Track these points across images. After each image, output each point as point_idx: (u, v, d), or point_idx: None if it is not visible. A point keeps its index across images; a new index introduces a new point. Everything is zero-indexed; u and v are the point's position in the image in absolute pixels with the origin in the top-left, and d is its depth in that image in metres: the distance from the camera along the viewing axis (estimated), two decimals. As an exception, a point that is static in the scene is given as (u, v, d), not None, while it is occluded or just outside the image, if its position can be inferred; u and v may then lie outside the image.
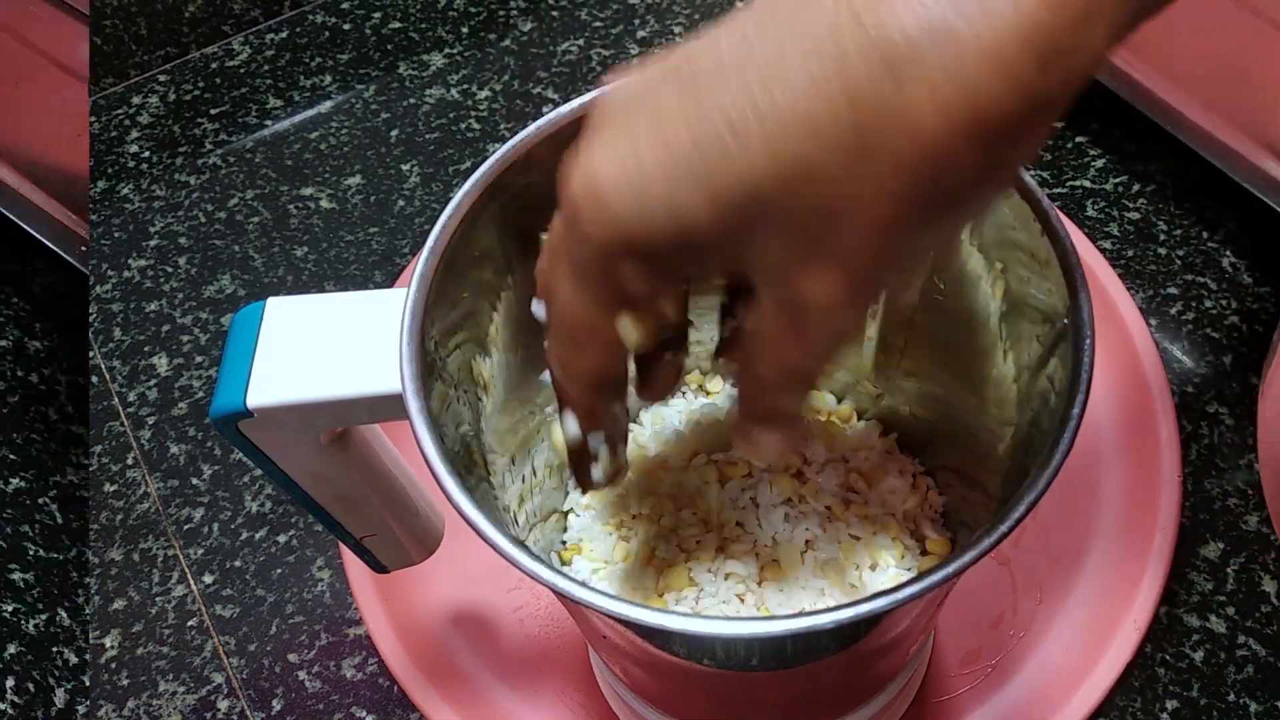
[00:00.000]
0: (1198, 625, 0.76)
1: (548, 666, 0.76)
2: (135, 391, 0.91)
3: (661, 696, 0.64)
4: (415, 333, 0.48)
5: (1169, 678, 0.75)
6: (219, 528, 0.84)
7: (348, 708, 0.76)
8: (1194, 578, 0.78)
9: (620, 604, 0.41)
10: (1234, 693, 0.74)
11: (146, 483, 0.86)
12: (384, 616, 0.76)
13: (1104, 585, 0.76)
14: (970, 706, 0.73)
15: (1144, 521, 0.77)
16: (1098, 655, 0.73)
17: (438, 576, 0.77)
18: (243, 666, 0.78)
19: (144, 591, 0.81)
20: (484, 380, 0.54)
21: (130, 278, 0.98)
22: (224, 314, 0.95)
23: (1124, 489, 0.80)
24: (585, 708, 0.74)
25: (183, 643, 0.79)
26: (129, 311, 0.95)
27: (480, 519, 0.43)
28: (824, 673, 0.55)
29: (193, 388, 0.91)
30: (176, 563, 0.82)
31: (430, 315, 0.49)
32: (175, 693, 0.77)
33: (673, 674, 0.57)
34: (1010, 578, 0.77)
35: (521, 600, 0.78)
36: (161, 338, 0.94)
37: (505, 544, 0.43)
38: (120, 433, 0.89)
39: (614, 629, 0.51)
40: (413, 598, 0.77)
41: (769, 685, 0.56)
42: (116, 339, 0.94)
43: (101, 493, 0.86)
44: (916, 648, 0.65)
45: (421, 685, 0.73)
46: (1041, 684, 0.73)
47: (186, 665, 0.78)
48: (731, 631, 0.42)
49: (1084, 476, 0.80)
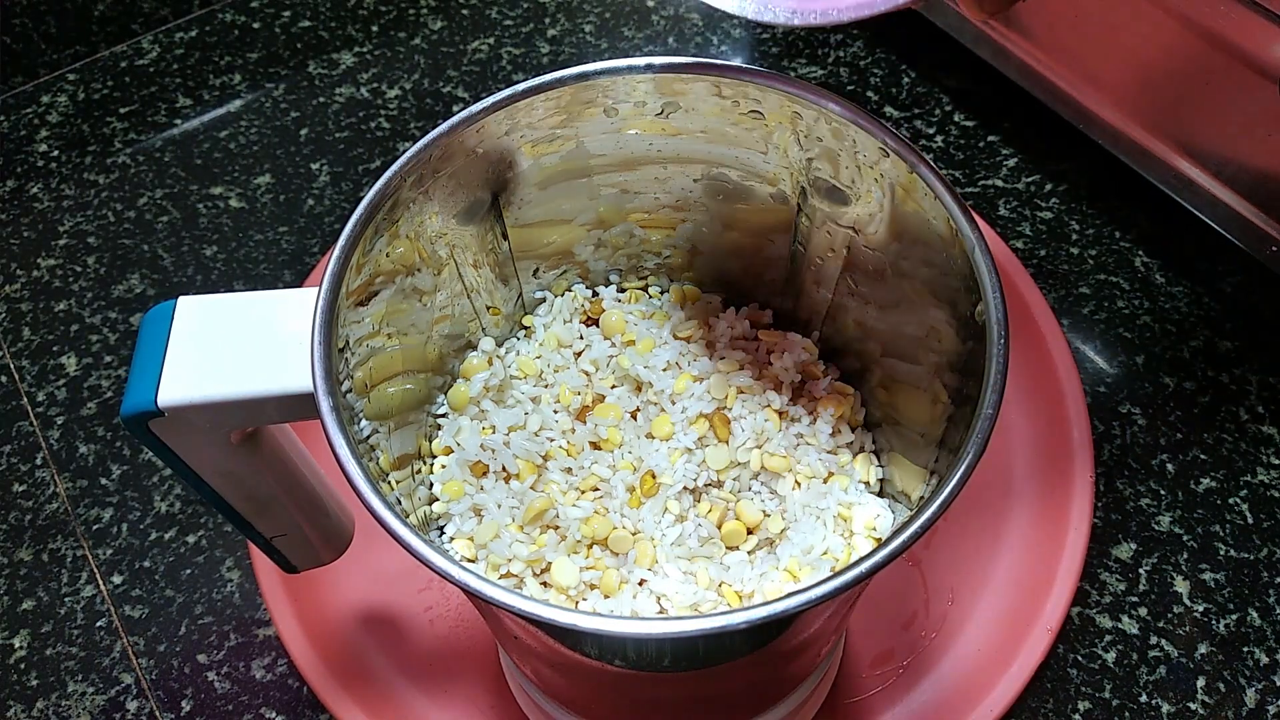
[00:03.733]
0: (1110, 626, 0.77)
1: (458, 668, 0.76)
2: (44, 391, 0.90)
3: (573, 698, 0.64)
4: (326, 332, 0.48)
5: (1081, 679, 0.75)
6: (128, 528, 0.83)
7: (257, 709, 0.76)
8: (1106, 578, 0.79)
9: (531, 603, 0.41)
10: (1146, 693, 0.75)
11: (55, 483, 0.86)
12: (294, 617, 0.76)
13: (1016, 586, 0.77)
14: (882, 707, 0.74)
15: (1056, 522, 0.78)
16: (1010, 656, 0.74)
17: (348, 577, 0.77)
18: (152, 667, 0.78)
19: (52, 592, 0.81)
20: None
21: (39, 277, 0.97)
22: (133, 313, 0.94)
23: (1036, 489, 0.80)
24: (496, 709, 0.74)
25: (92, 643, 0.79)
26: (38, 311, 0.95)
27: (391, 518, 0.44)
28: (736, 673, 0.55)
29: (102, 387, 0.90)
30: (85, 563, 0.82)
31: (341, 315, 0.49)
32: (84, 693, 0.77)
33: (584, 675, 0.57)
34: (922, 578, 0.78)
35: (432, 600, 0.78)
36: (70, 337, 0.93)
37: (417, 543, 0.43)
38: (29, 432, 0.88)
39: (525, 629, 0.51)
40: (323, 598, 0.77)
41: (680, 686, 0.56)
42: (25, 338, 0.93)
43: (10, 493, 0.85)
44: (829, 648, 0.65)
45: (331, 686, 0.73)
46: (953, 685, 0.74)
47: (95, 666, 0.78)
48: (642, 631, 0.42)
49: (996, 477, 0.81)
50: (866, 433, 0.63)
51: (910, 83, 1.06)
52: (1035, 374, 0.84)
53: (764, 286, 0.66)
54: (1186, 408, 0.86)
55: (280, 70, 1.10)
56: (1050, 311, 0.86)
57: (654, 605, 0.56)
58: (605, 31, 1.12)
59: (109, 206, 1.01)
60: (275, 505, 0.60)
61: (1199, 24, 0.77)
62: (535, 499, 0.58)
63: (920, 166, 0.50)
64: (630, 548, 0.57)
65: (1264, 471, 0.82)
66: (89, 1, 1.12)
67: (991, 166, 0.99)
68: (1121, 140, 0.88)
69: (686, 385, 0.60)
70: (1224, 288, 0.91)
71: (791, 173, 0.57)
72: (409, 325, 0.57)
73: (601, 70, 0.54)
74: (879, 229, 0.55)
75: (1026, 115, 1.02)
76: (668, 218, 0.64)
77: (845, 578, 0.41)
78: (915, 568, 0.78)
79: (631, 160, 0.60)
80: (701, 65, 0.54)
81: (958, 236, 0.49)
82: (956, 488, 0.43)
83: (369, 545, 0.71)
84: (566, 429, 0.61)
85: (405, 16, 1.14)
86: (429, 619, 0.78)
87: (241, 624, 0.79)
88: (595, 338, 0.65)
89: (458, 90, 1.08)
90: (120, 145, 1.06)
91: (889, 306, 0.58)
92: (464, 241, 0.58)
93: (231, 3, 1.16)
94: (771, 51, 1.10)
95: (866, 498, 0.60)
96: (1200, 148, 0.83)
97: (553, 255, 0.65)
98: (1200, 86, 0.80)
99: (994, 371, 0.46)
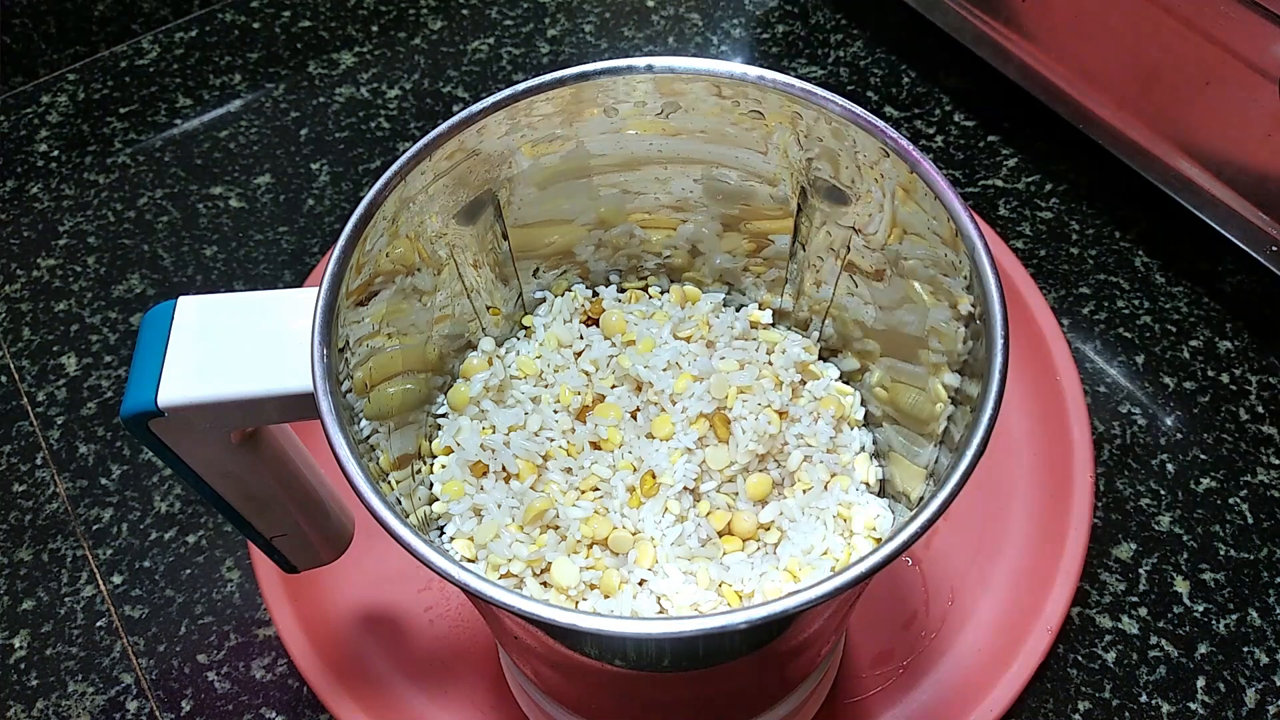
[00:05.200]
0: (1110, 626, 0.77)
1: (458, 667, 0.76)
2: (44, 391, 0.90)
3: (572, 697, 0.64)
4: (326, 332, 0.48)
5: (1081, 679, 0.75)
6: (128, 528, 0.83)
7: (257, 708, 0.76)
8: (1106, 578, 0.79)
9: (531, 603, 0.41)
10: (1146, 693, 0.75)
11: (55, 483, 0.86)
12: (294, 617, 0.76)
13: (1016, 586, 0.77)
14: (882, 707, 0.73)
15: (1056, 522, 0.78)
16: (1010, 656, 0.74)
17: (348, 577, 0.77)
18: (152, 667, 0.78)
19: (52, 592, 0.81)
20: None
21: (39, 277, 0.97)
22: (133, 313, 0.94)
23: (1036, 489, 0.80)
24: (496, 709, 0.74)
25: (92, 643, 0.79)
26: (38, 311, 0.95)
27: (391, 518, 0.44)
28: (736, 673, 0.55)
29: (102, 387, 0.90)
30: (85, 563, 0.82)
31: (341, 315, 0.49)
32: (84, 693, 0.77)
33: (584, 675, 0.57)
34: (922, 578, 0.78)
35: (432, 600, 0.78)
36: (70, 337, 0.93)
37: (417, 543, 0.43)
38: (29, 432, 0.88)
39: (525, 629, 0.51)
40: (323, 598, 0.77)
41: (680, 686, 0.56)
42: (25, 338, 0.93)
43: (10, 493, 0.85)
44: (829, 648, 0.65)
45: (331, 686, 0.73)
46: (953, 685, 0.74)
47: (95, 666, 0.78)
48: (642, 631, 0.42)
49: (996, 476, 0.81)
50: (867, 433, 0.63)
51: (910, 83, 1.06)
52: (1035, 374, 0.84)
53: (764, 287, 0.66)
54: (1186, 408, 0.86)
55: (280, 70, 1.10)
56: (1050, 311, 0.86)
57: (654, 605, 0.56)
58: (605, 31, 1.12)
59: (109, 206, 1.01)
60: (275, 505, 0.60)
61: (1199, 24, 0.77)
62: (535, 499, 0.57)
63: (920, 166, 0.50)
64: (630, 548, 0.57)
65: (1264, 471, 0.82)
66: (89, 1, 1.12)
67: (991, 166, 0.99)
68: (1121, 140, 0.88)
69: (686, 385, 0.60)
70: (1224, 288, 0.91)
71: (791, 173, 0.57)
72: (409, 325, 0.57)
73: (601, 70, 0.54)
74: (879, 229, 0.55)
75: (1026, 115, 1.02)
76: (668, 218, 0.64)
77: (845, 578, 0.41)
78: (915, 568, 0.78)
79: (632, 160, 0.60)
80: (701, 65, 0.54)
81: (958, 236, 0.49)
82: (956, 488, 0.43)
83: (369, 545, 0.71)
84: (566, 429, 0.61)
85: (405, 16, 1.14)
86: (429, 619, 0.78)
87: (241, 624, 0.79)
88: (595, 338, 0.65)
89: (458, 90, 1.08)
90: (120, 145, 1.05)
91: (889, 306, 0.58)
92: (464, 241, 0.58)
93: (231, 3, 1.16)
94: (771, 51, 1.10)
95: (866, 498, 0.60)
96: (1200, 148, 0.83)
97: (553, 255, 0.65)
98: (1200, 86, 0.80)
99: (994, 371, 0.46)
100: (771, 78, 0.53)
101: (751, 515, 0.58)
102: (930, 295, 0.54)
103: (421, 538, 0.43)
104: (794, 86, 0.52)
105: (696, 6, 1.14)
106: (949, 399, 0.52)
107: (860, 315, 0.61)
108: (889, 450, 0.61)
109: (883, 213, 0.54)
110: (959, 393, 0.51)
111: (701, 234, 0.64)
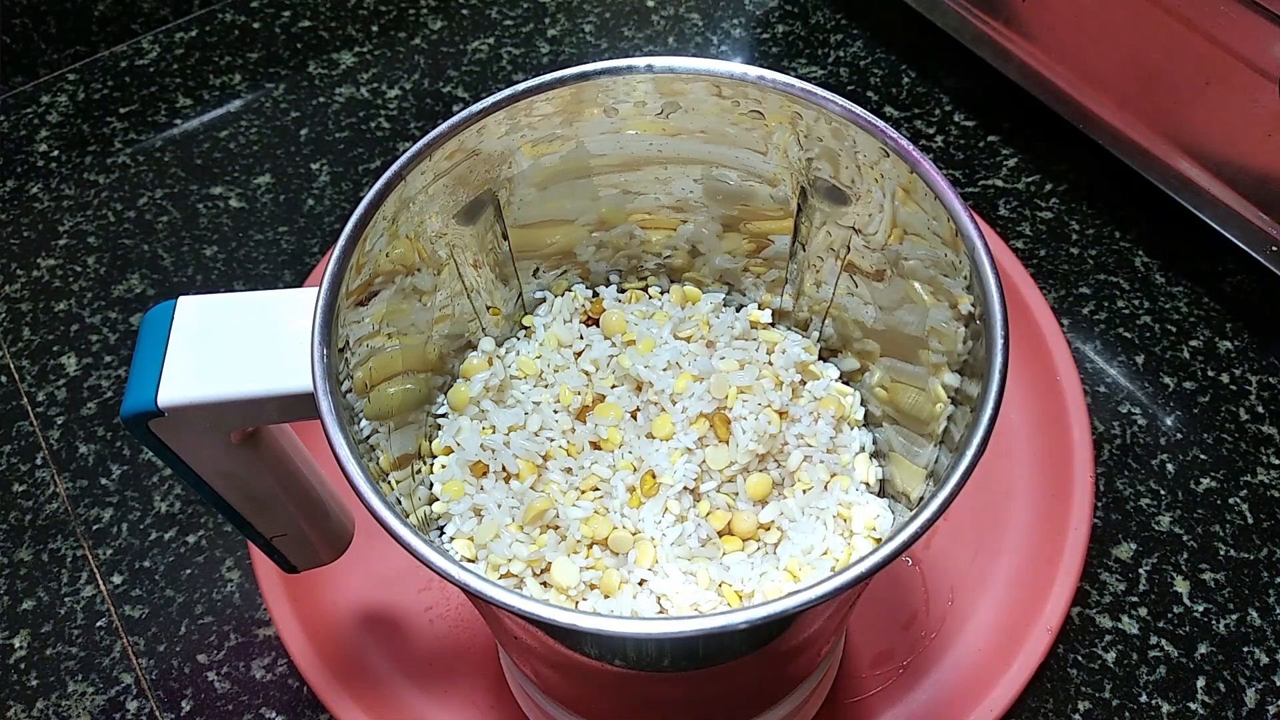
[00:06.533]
0: (1110, 626, 0.77)
1: (459, 668, 0.76)
2: (44, 391, 0.90)
3: (573, 698, 0.64)
4: (326, 332, 0.48)
5: (1081, 679, 0.75)
6: (128, 528, 0.83)
7: (257, 708, 0.76)
8: (1106, 578, 0.79)
9: (531, 603, 0.41)
10: (1146, 693, 0.75)
11: (55, 483, 0.86)
12: (294, 617, 0.76)
13: (1016, 586, 0.77)
14: (882, 707, 0.73)
15: (1056, 521, 0.78)
16: (1010, 656, 0.74)
17: (348, 577, 0.77)
18: (152, 667, 0.78)
19: (52, 592, 0.81)
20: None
21: (39, 277, 0.97)
22: (133, 313, 0.94)
23: (1036, 489, 0.80)
24: (495, 709, 0.74)
25: (92, 643, 0.79)
26: (38, 311, 0.95)
27: (391, 518, 0.44)
28: (736, 673, 0.55)
29: (102, 387, 0.90)
30: (85, 563, 0.82)
31: (341, 315, 0.49)
32: (84, 693, 0.77)
33: (584, 675, 0.57)
34: (922, 578, 0.78)
35: (432, 600, 0.78)
36: (70, 337, 0.93)
37: (417, 543, 0.43)
38: (29, 432, 0.88)
39: (525, 629, 0.51)
40: (323, 598, 0.77)
41: (680, 686, 0.56)
42: (25, 338, 0.93)
43: (10, 493, 0.85)
44: (829, 648, 0.65)
45: (331, 686, 0.73)
46: (953, 685, 0.74)
47: (95, 666, 0.78)
48: (642, 631, 0.42)
49: (996, 476, 0.81)
50: (866, 433, 0.63)
51: (910, 83, 1.06)
52: (1035, 374, 0.84)
53: (764, 287, 0.66)
54: (1186, 408, 0.86)
55: (280, 70, 1.10)
56: (1050, 311, 0.86)
57: (654, 605, 0.56)
58: (605, 31, 1.12)
59: (109, 206, 1.01)
60: (275, 505, 0.60)
61: (1199, 24, 0.77)
62: (535, 499, 0.57)
63: (920, 166, 0.50)
64: (630, 548, 0.57)
65: (1264, 471, 0.82)
66: (89, 1, 1.12)
67: (991, 166, 1.00)
68: (1121, 140, 0.88)
69: (686, 385, 0.60)
70: (1224, 288, 0.91)
71: (791, 173, 0.57)
72: (409, 325, 0.57)
73: (601, 70, 0.54)
74: (879, 229, 0.55)
75: (1026, 115, 1.02)
76: (668, 218, 0.64)
77: (845, 578, 0.41)
78: (915, 568, 0.78)
79: (632, 160, 0.59)
80: (701, 65, 0.54)
81: (958, 237, 0.49)
82: (956, 488, 0.43)
83: (369, 545, 0.71)
84: (566, 429, 0.61)
85: (405, 16, 1.14)
86: (429, 619, 0.78)
87: (241, 624, 0.79)
88: (595, 338, 0.65)
89: (458, 90, 1.08)
90: (120, 145, 1.05)
91: (889, 307, 0.58)
92: (464, 241, 0.58)
93: (231, 3, 1.16)
94: (771, 51, 1.10)
95: (866, 498, 0.60)
96: (1200, 148, 0.83)
97: (553, 255, 0.65)
98: (1200, 86, 0.80)
99: (994, 371, 0.46)
100: (771, 78, 0.53)
101: (751, 515, 0.58)
102: (930, 295, 0.54)
103: (421, 538, 0.43)
104: (794, 86, 0.53)
105: (696, 6, 1.14)
106: (949, 399, 0.52)
107: (860, 315, 0.61)
108: (889, 450, 0.61)
109: (883, 213, 0.55)
110: (959, 393, 0.51)
111: (701, 234, 0.64)
